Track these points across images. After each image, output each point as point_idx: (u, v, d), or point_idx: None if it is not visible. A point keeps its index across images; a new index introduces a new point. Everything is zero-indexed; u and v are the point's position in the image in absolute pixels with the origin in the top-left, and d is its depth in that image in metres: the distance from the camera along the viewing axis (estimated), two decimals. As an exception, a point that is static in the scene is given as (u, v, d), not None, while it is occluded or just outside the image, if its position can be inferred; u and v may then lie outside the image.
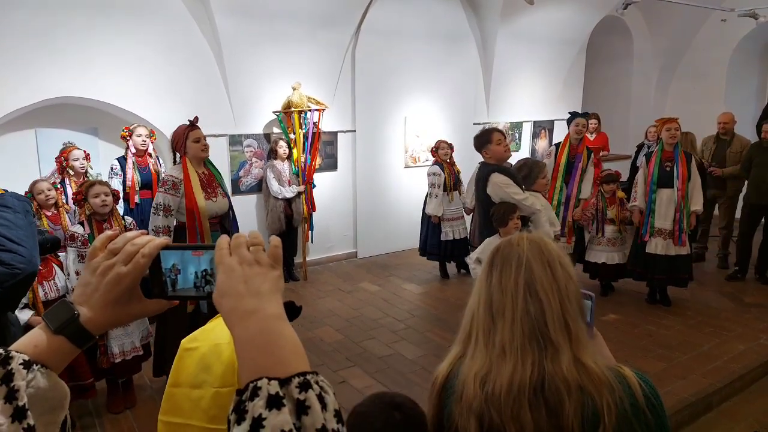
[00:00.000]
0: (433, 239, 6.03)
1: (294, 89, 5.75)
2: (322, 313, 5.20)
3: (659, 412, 1.10)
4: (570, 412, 1.07)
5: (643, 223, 5.09)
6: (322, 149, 6.48)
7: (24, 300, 3.33)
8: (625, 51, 9.28)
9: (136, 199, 4.90)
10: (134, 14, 5.09)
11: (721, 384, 3.85)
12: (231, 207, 3.88)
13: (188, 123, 3.66)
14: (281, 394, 0.58)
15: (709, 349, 4.37)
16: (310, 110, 5.84)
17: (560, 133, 8.13)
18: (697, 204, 5.01)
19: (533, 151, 8.43)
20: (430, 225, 6.02)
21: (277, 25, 5.72)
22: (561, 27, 7.63)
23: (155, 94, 5.38)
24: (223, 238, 0.72)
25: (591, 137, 7.57)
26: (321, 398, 0.59)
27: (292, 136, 5.85)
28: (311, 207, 6.04)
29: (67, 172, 4.62)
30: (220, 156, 5.73)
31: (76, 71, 4.92)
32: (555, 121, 8.58)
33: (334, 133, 6.60)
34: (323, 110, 5.97)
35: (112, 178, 4.88)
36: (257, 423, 0.56)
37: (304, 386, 0.59)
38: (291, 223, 5.96)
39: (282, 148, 5.82)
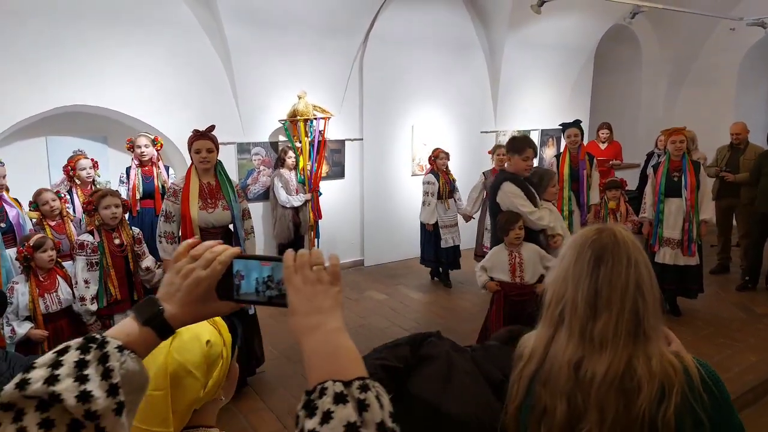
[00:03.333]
0: (428, 247, 6.04)
1: (299, 98, 5.77)
2: (329, 322, 5.18)
3: (717, 395, 1.17)
4: (644, 400, 1.15)
5: (652, 234, 5.05)
6: (330, 157, 6.49)
7: (25, 312, 3.31)
8: (633, 59, 9.24)
9: (137, 207, 4.95)
10: (144, 24, 5.15)
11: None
12: (234, 220, 3.69)
13: (194, 132, 3.60)
14: (345, 392, 0.66)
15: (721, 360, 4.30)
16: (315, 118, 5.85)
17: (568, 141, 8.09)
18: (706, 212, 4.95)
19: (541, 159, 8.40)
20: (425, 233, 6.04)
21: (285, 33, 5.75)
22: (569, 35, 7.63)
23: (164, 103, 5.42)
24: (289, 255, 0.80)
25: (602, 146, 7.52)
26: (378, 398, 0.68)
27: (298, 144, 5.87)
28: (317, 215, 6.04)
29: (75, 181, 4.67)
30: (228, 164, 5.72)
31: (87, 80, 4.97)
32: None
33: (342, 142, 6.62)
34: (329, 118, 5.98)
35: (119, 186, 4.95)
36: (327, 415, 0.64)
37: (364, 388, 0.68)
38: (298, 232, 5.97)
39: (291, 157, 5.84)
